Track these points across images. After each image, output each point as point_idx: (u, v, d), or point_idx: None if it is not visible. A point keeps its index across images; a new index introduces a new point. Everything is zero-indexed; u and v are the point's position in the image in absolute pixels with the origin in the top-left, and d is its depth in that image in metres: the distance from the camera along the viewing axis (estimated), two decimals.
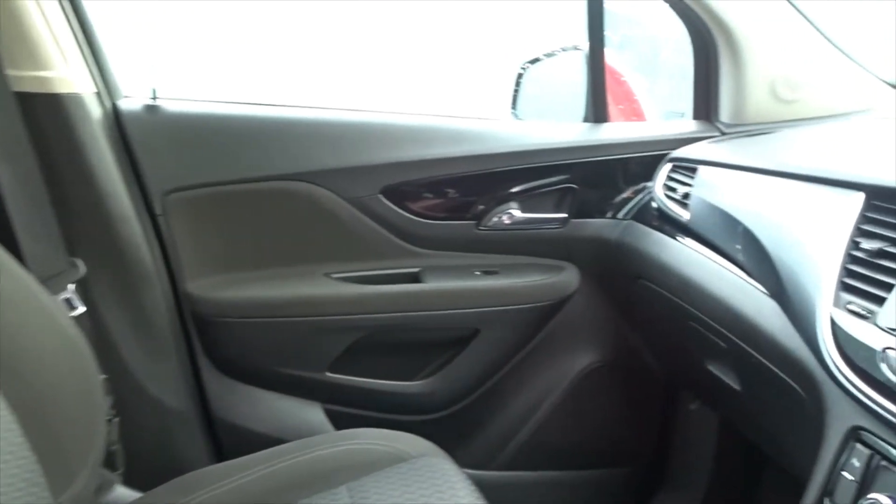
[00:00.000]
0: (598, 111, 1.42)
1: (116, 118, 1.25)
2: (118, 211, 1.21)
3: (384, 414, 1.37)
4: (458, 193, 1.37)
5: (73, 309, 1.11)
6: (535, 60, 1.53)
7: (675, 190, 1.25)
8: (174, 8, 3.35)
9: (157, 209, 1.26)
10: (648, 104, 1.65)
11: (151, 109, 1.27)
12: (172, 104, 1.29)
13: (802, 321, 0.85)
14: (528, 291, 1.34)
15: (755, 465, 1.38)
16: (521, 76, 1.52)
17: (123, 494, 1.07)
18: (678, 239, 1.22)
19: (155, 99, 1.27)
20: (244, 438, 1.30)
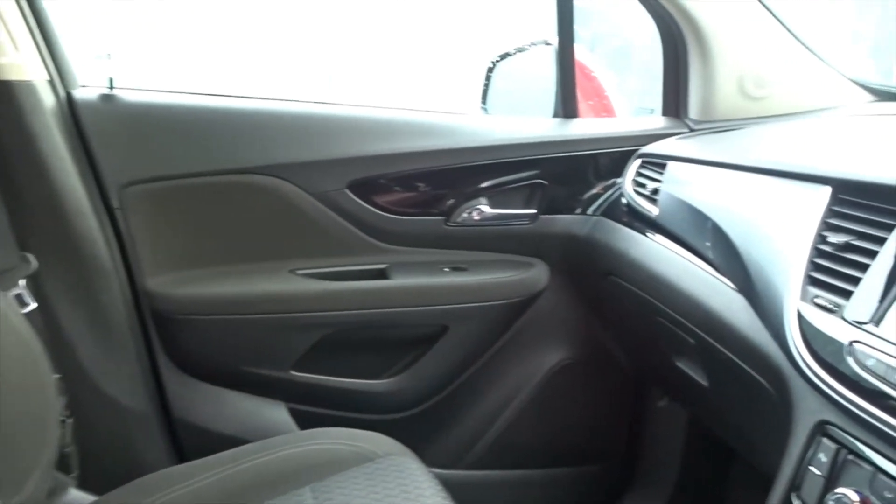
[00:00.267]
0: (567, 107, 1.42)
1: (71, 108, 1.21)
2: (73, 204, 1.17)
3: (350, 413, 1.35)
4: (426, 188, 1.35)
5: (24, 306, 1.07)
6: (504, 55, 1.52)
7: (644, 186, 1.25)
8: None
9: (114, 202, 1.23)
10: (619, 100, 1.65)
11: (108, 99, 1.23)
12: (130, 94, 1.25)
13: (770, 316, 0.85)
14: (496, 288, 1.33)
15: (724, 461, 1.38)
16: (490, 71, 1.51)
17: (78, 498, 1.03)
18: (647, 235, 1.21)
19: (112, 88, 1.23)
20: (205, 439, 1.27)
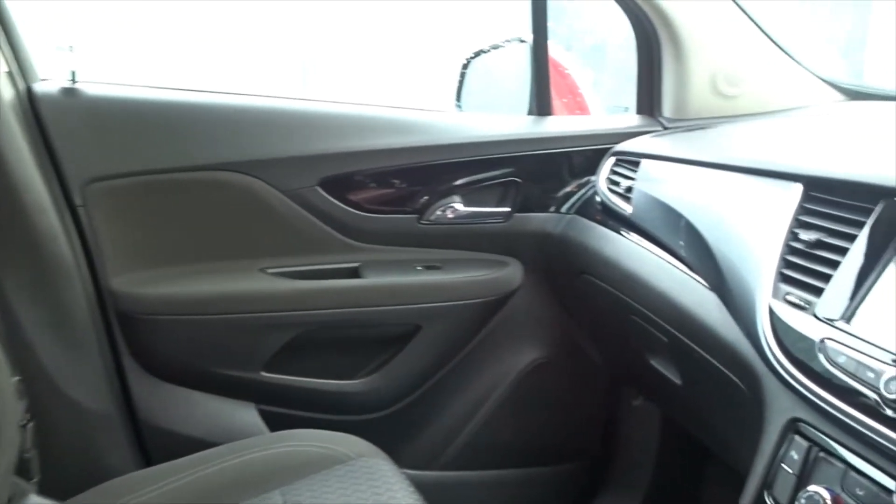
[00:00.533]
0: (541, 104, 1.41)
1: (31, 101, 1.18)
2: (33, 201, 1.13)
3: (322, 414, 1.33)
4: (399, 186, 1.33)
5: None
6: (479, 52, 1.51)
7: (618, 184, 1.25)
8: None
9: (76, 199, 1.19)
10: (593, 98, 1.64)
11: (70, 93, 1.20)
12: (94, 87, 1.22)
13: (742, 313, 0.85)
14: (470, 287, 1.32)
15: (699, 459, 1.38)
16: (465, 68, 1.50)
17: None
18: (621, 233, 1.21)
19: (74, 82, 1.20)
20: (173, 442, 1.24)
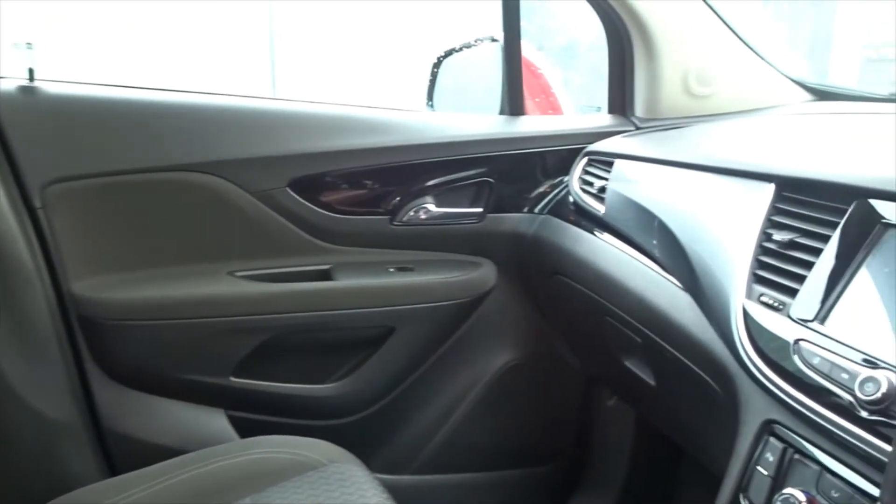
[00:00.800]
0: (514, 104, 1.40)
1: None
2: None
3: (294, 419, 1.31)
4: (370, 187, 1.31)
5: None
6: (450, 51, 1.49)
7: (591, 184, 1.24)
8: None
9: (36, 202, 1.15)
10: (565, 98, 1.64)
11: (28, 91, 1.15)
12: (53, 86, 1.18)
13: (716, 314, 0.85)
14: (444, 288, 1.31)
15: (673, 460, 1.39)
16: (436, 67, 1.49)
17: None
18: (594, 233, 1.21)
19: (32, 80, 1.16)
20: (139, 451, 1.21)
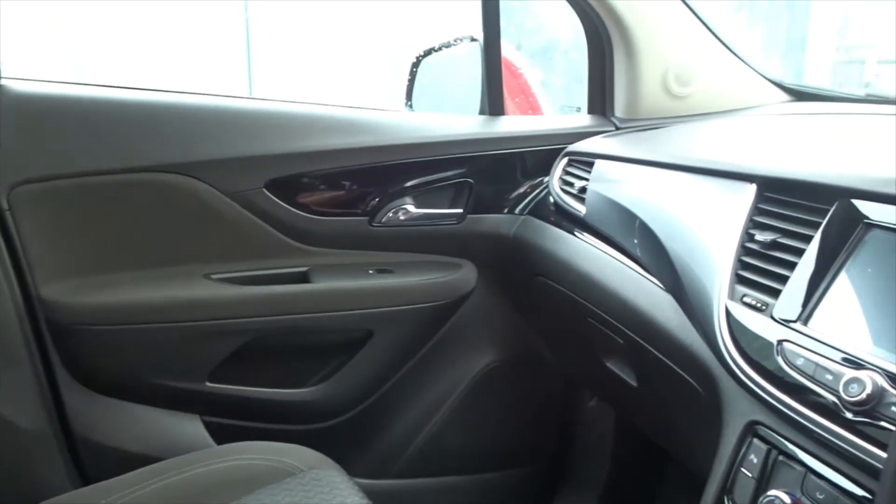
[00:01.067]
0: (493, 104, 1.39)
1: None
2: None
3: (272, 425, 1.28)
4: (349, 187, 1.29)
5: None
6: (429, 51, 1.48)
7: (571, 184, 1.24)
8: None
9: (3, 203, 1.12)
10: (544, 98, 1.64)
11: None
12: (21, 84, 1.15)
13: (699, 315, 0.84)
14: (423, 290, 1.29)
15: (656, 462, 1.38)
16: (415, 66, 1.47)
17: None
18: (575, 234, 1.20)
19: None
20: (112, 459, 1.18)
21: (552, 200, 1.29)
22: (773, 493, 0.67)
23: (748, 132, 1.19)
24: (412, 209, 1.31)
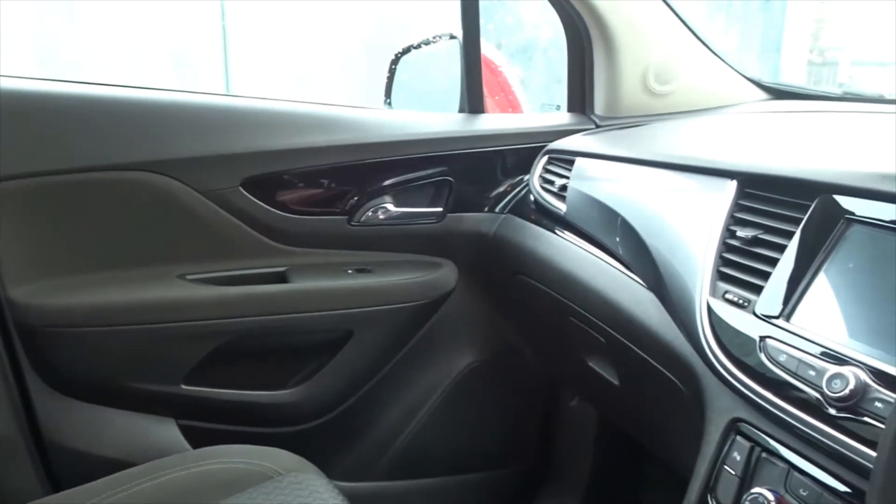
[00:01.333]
0: (473, 102, 1.38)
1: None
2: None
3: (249, 427, 1.26)
4: (327, 186, 1.28)
5: None
6: (408, 48, 1.47)
7: (552, 182, 1.23)
8: None
9: None
10: (523, 96, 1.63)
11: None
12: None
13: (680, 312, 0.84)
14: (403, 290, 1.28)
15: (637, 460, 1.38)
16: (394, 64, 1.46)
17: None
18: (556, 232, 1.19)
19: None
20: (84, 464, 1.15)
21: (533, 199, 1.28)
22: (756, 490, 0.66)
23: (728, 129, 1.19)
24: (391, 208, 1.29)
